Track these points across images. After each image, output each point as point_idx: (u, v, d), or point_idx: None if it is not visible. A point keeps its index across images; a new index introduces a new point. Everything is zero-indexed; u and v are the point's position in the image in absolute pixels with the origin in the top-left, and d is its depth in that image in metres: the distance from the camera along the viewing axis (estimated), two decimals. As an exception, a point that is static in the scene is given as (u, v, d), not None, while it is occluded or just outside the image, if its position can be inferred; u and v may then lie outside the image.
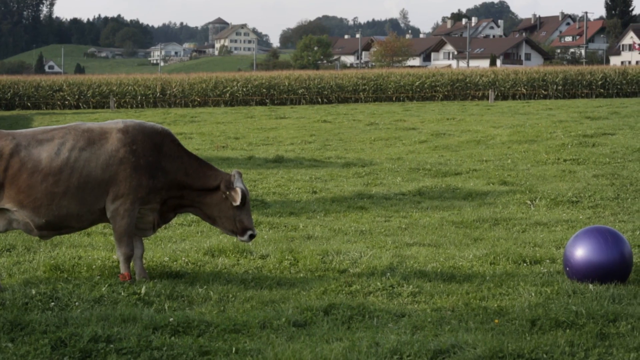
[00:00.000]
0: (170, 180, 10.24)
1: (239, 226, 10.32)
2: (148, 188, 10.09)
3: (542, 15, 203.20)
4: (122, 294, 9.43)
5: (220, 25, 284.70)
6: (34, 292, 9.34)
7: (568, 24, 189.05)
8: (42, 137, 10.02)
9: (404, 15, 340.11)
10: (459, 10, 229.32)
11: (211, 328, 8.25)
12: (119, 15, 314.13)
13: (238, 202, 10.12)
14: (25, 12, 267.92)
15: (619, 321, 8.37)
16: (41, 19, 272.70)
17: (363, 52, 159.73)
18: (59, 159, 9.84)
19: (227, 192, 10.21)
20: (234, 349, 7.72)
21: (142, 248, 10.46)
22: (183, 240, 13.48)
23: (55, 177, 9.82)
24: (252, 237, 10.40)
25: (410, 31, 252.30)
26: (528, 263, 11.34)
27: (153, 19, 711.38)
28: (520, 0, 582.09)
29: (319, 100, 66.21)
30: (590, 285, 9.72)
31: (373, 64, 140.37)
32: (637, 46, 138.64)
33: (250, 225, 10.35)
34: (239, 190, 10.12)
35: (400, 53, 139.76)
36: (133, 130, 10.15)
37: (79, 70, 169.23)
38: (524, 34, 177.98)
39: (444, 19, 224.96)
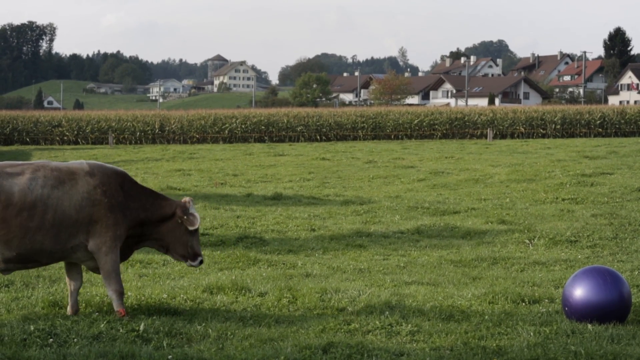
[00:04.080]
0: (133, 218, 10.39)
1: (191, 251, 10.65)
2: (122, 226, 10.21)
3: (541, 54, 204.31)
4: (121, 330, 9.41)
5: (220, 62, 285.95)
6: (32, 328, 9.33)
7: (567, 63, 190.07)
8: (12, 170, 9.92)
9: (402, 53, 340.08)
10: (457, 49, 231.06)
11: (210, 366, 8.23)
12: (118, 52, 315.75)
13: (196, 226, 10.49)
14: (24, 48, 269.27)
15: (618, 362, 8.37)
16: (41, 54, 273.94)
17: (362, 90, 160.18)
18: (32, 194, 9.77)
19: (185, 217, 10.47)
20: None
21: (80, 282, 10.54)
22: (182, 277, 13.46)
23: (30, 212, 9.75)
24: (201, 262, 10.77)
25: (409, 69, 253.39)
26: (527, 302, 11.33)
27: (152, 56, 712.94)
28: (519, 40, 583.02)
29: (318, 137, 66.32)
30: (589, 326, 9.72)
31: (372, 101, 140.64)
32: (635, 86, 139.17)
33: (199, 251, 10.72)
34: (197, 215, 10.53)
35: (399, 91, 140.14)
36: (99, 172, 10.23)
37: (78, 105, 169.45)
38: (522, 73, 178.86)
39: (442, 58, 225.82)
